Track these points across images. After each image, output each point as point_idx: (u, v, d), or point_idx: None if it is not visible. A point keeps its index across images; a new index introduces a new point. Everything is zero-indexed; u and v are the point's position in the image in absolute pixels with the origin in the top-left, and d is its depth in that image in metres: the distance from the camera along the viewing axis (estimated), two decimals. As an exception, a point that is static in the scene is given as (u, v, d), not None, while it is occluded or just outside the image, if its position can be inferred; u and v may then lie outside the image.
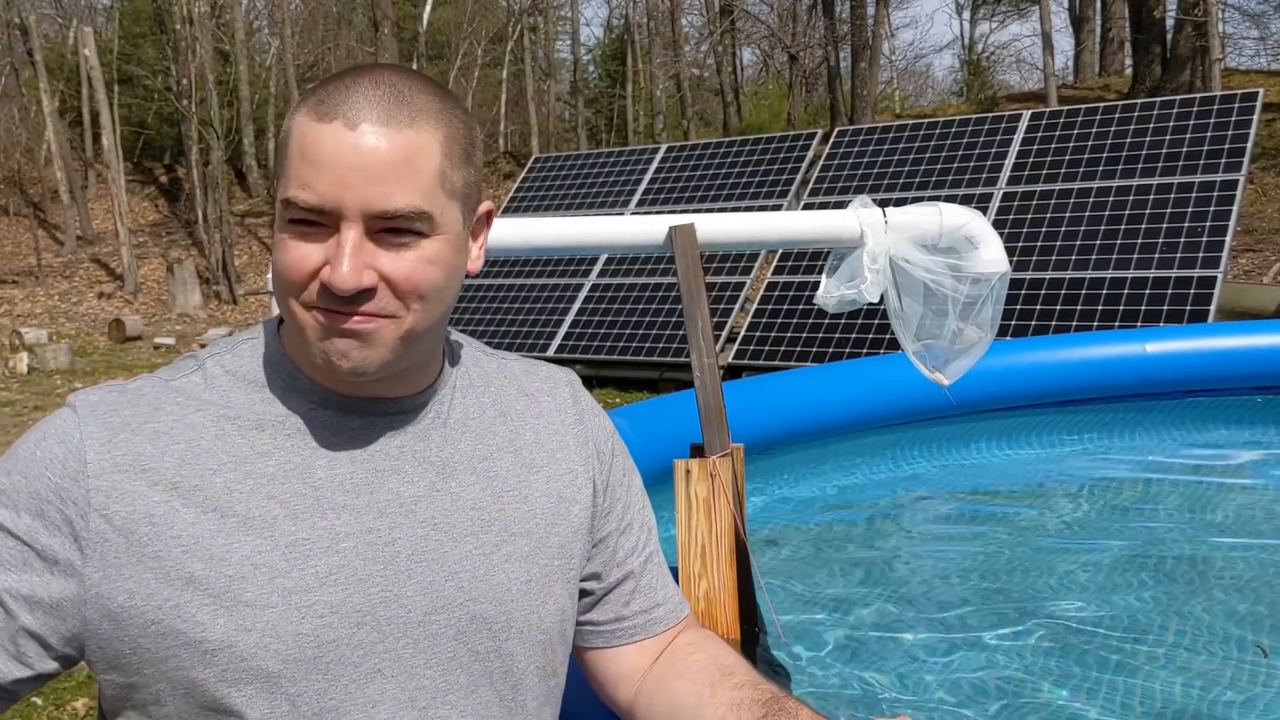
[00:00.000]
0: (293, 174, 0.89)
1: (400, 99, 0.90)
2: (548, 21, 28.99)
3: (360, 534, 0.94)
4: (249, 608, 0.89)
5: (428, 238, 0.92)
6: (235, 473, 0.93)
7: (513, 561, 1.01)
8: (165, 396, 0.95)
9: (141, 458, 0.91)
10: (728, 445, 2.25)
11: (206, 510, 0.91)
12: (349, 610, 0.93)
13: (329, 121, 0.88)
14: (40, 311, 17.42)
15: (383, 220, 0.89)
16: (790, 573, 3.28)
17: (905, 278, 2.44)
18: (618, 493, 1.14)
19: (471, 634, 0.98)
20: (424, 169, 0.90)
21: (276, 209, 0.93)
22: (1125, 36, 20.22)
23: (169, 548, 0.89)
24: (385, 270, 0.90)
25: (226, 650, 0.89)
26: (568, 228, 2.46)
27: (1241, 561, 3.12)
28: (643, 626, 1.14)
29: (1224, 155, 7.72)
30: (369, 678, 0.94)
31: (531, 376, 1.14)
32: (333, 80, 0.92)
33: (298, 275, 0.90)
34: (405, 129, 0.89)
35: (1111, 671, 2.46)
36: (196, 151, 20.00)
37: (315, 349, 0.92)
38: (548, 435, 1.09)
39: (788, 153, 9.97)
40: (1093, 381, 4.86)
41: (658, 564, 1.18)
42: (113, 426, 0.92)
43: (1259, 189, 13.65)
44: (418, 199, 0.90)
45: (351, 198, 0.88)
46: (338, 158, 0.88)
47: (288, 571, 0.91)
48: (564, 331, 9.39)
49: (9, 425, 7.96)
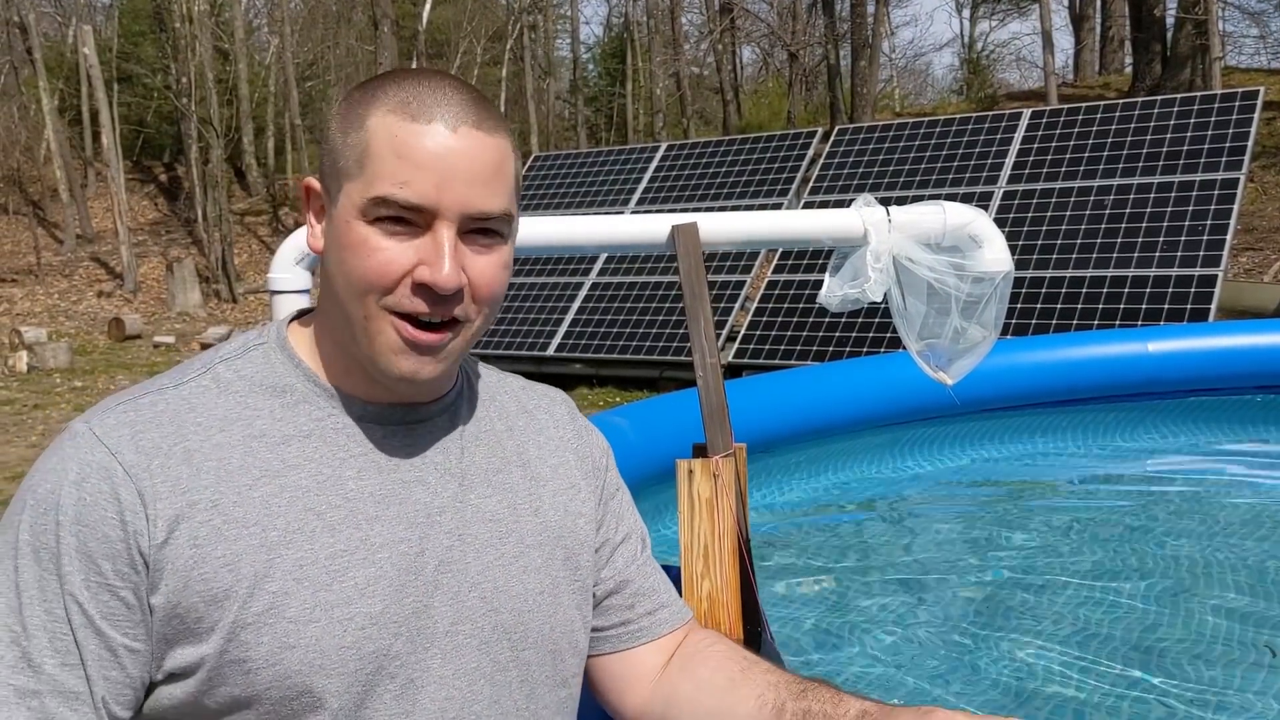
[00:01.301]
0: (385, 172, 0.89)
1: (484, 105, 0.93)
2: (547, 20, 28.98)
3: (393, 544, 0.94)
4: (292, 624, 0.88)
5: (505, 242, 0.94)
6: (270, 486, 0.91)
7: (529, 573, 1.02)
8: (184, 414, 0.93)
9: (179, 480, 0.89)
10: (730, 445, 2.25)
11: (248, 526, 0.89)
12: (386, 621, 0.92)
13: (426, 122, 0.89)
14: (40, 310, 17.41)
15: (476, 221, 0.91)
16: (785, 572, 3.27)
17: (909, 277, 2.43)
18: (611, 505, 1.16)
19: (493, 644, 0.98)
20: (508, 173, 0.93)
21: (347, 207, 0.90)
22: (1125, 35, 20.22)
23: (215, 569, 0.88)
24: (471, 274, 0.92)
25: (270, 669, 0.88)
26: (570, 227, 2.46)
27: (1247, 561, 3.11)
28: (649, 628, 1.15)
29: (1224, 154, 7.71)
30: (404, 689, 0.93)
31: (529, 393, 1.15)
32: (404, 82, 0.92)
33: (388, 277, 0.90)
34: (495, 134, 0.92)
35: (1117, 672, 2.45)
36: (196, 150, 19.99)
37: (386, 361, 0.92)
38: (550, 450, 1.11)
39: (788, 151, 9.96)
40: (1093, 380, 4.85)
41: (654, 567, 1.20)
42: (146, 452, 0.89)
43: (1259, 187, 13.64)
44: (506, 202, 0.93)
45: (451, 198, 0.89)
46: (438, 158, 0.89)
47: (329, 585, 0.90)
48: (564, 330, 9.39)
49: (9, 424, 7.95)
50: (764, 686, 1.06)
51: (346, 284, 0.92)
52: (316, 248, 0.97)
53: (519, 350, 9.36)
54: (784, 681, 1.06)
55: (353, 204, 0.90)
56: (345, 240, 0.91)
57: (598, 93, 31.24)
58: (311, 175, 0.99)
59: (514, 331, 9.69)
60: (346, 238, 0.91)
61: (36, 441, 7.24)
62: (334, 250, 0.93)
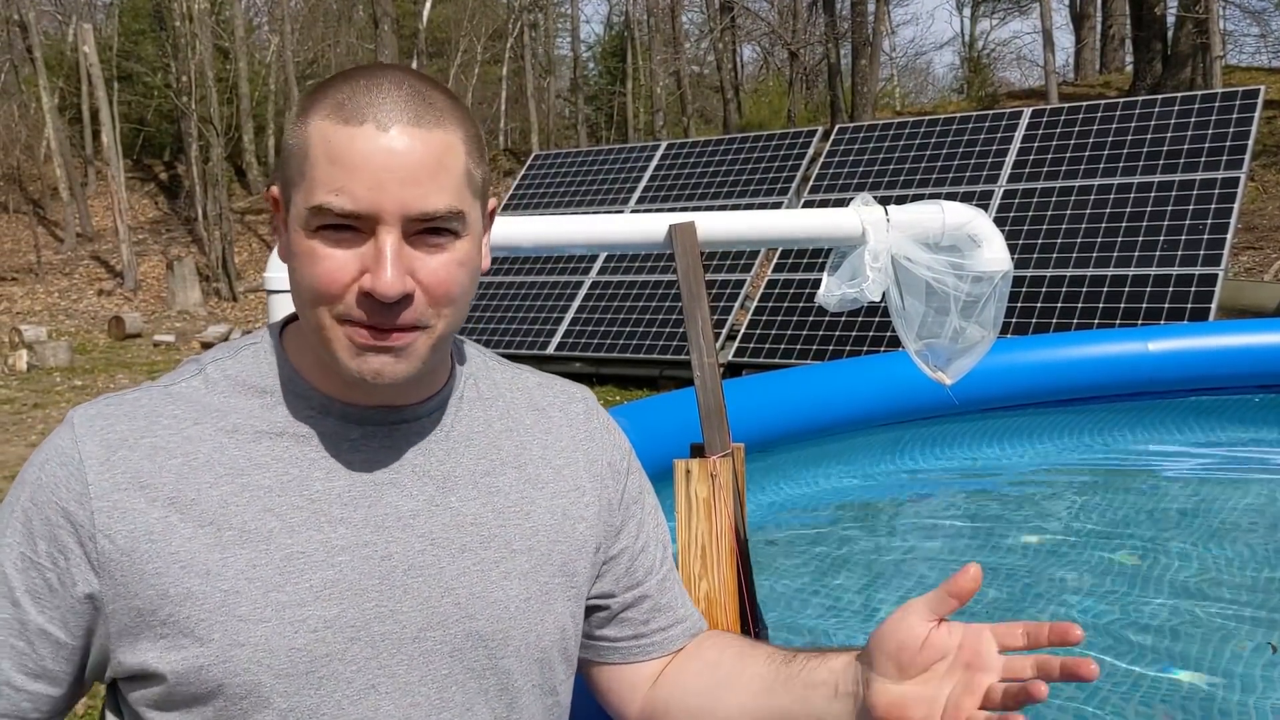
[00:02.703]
0: (321, 179, 0.86)
1: (424, 99, 0.89)
2: (548, 18, 28.99)
3: (356, 547, 0.93)
4: (242, 622, 0.88)
5: (460, 238, 0.91)
6: (232, 485, 0.91)
7: (511, 578, 0.99)
8: (163, 407, 0.94)
9: (140, 474, 0.90)
10: (728, 445, 2.24)
11: (204, 524, 0.90)
12: (343, 625, 0.91)
13: (358, 124, 0.86)
14: (40, 309, 17.42)
15: (421, 222, 0.88)
16: (785, 572, 3.27)
17: (907, 276, 2.42)
18: (632, 510, 1.13)
19: (467, 651, 0.97)
20: (454, 169, 0.89)
21: (295, 216, 0.89)
22: (1126, 33, 20.22)
23: (168, 565, 0.88)
24: (421, 276, 0.89)
25: (220, 665, 0.88)
26: (568, 226, 2.45)
27: (1248, 559, 3.11)
28: (661, 644, 1.13)
29: (1225, 152, 7.70)
30: (363, 693, 0.92)
31: (545, 390, 1.12)
32: (343, 82, 0.89)
33: (334, 286, 0.88)
34: (435, 129, 0.88)
35: (1119, 670, 2.45)
36: (196, 148, 19.99)
37: (347, 367, 0.90)
38: (555, 451, 1.08)
39: (788, 150, 9.95)
40: (1094, 380, 4.85)
41: (675, 581, 1.17)
42: (110, 444, 0.90)
43: (1260, 186, 13.64)
44: (453, 199, 0.89)
45: (390, 201, 0.86)
46: (372, 161, 0.85)
47: (282, 585, 0.90)
48: (564, 329, 9.38)
49: (8, 423, 7.95)
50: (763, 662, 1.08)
51: (298, 294, 0.91)
52: (284, 257, 0.95)
53: (519, 349, 9.35)
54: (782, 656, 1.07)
55: (299, 213, 0.89)
56: (294, 249, 0.90)
57: (598, 91, 31.25)
58: None
59: (514, 330, 9.68)
60: (295, 247, 0.90)
61: (36, 440, 7.24)
62: (289, 259, 0.92)
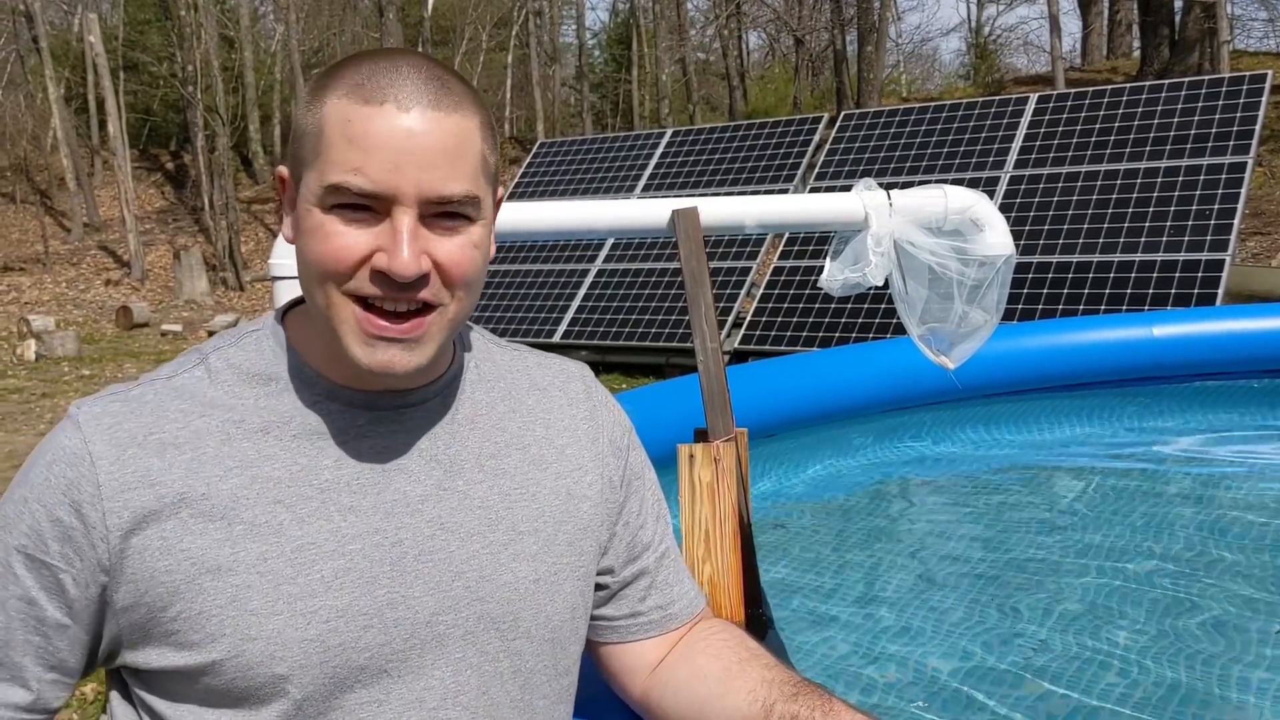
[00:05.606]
0: (337, 159, 0.86)
1: (443, 83, 0.89)
2: (553, 6, 28.91)
3: (367, 535, 0.93)
4: (254, 616, 0.89)
5: (475, 223, 0.91)
6: (241, 478, 0.91)
7: (520, 560, 1.00)
8: (169, 402, 0.93)
9: (150, 472, 0.90)
10: (731, 430, 2.25)
11: (214, 520, 0.90)
12: (355, 613, 0.92)
13: (378, 104, 0.86)
14: (48, 299, 17.46)
15: (437, 205, 0.88)
16: (787, 558, 3.28)
17: (910, 261, 2.42)
18: (634, 486, 1.13)
19: (480, 634, 0.97)
20: (471, 153, 0.90)
21: (307, 194, 0.89)
22: (1133, 19, 20.09)
23: (179, 562, 0.89)
24: (438, 257, 0.89)
25: (233, 660, 0.89)
26: (571, 211, 2.45)
27: (1255, 545, 3.11)
28: (658, 622, 1.14)
29: (1232, 138, 7.67)
30: (376, 679, 0.93)
31: (544, 369, 1.12)
32: (360, 63, 0.89)
33: (344, 263, 0.88)
34: (454, 113, 0.88)
35: (1123, 657, 2.45)
36: (202, 138, 19.99)
37: (356, 357, 0.90)
38: (558, 430, 1.08)
39: (794, 137, 9.93)
40: (1100, 365, 4.84)
41: (674, 559, 1.17)
42: (119, 443, 0.90)
43: (1267, 171, 13.58)
44: (470, 184, 0.89)
45: (408, 183, 0.86)
46: (391, 142, 0.86)
47: (293, 578, 0.90)
48: (570, 317, 9.39)
49: (16, 413, 7.98)
50: (757, 683, 1.06)
51: (307, 270, 0.91)
52: (290, 238, 0.95)
53: (525, 338, 9.36)
54: (779, 680, 1.05)
55: (312, 192, 0.89)
56: (305, 226, 0.90)
57: (603, 79, 31.15)
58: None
59: (519, 319, 9.69)
60: (306, 224, 0.90)
61: (44, 430, 7.27)
62: (299, 237, 0.92)
